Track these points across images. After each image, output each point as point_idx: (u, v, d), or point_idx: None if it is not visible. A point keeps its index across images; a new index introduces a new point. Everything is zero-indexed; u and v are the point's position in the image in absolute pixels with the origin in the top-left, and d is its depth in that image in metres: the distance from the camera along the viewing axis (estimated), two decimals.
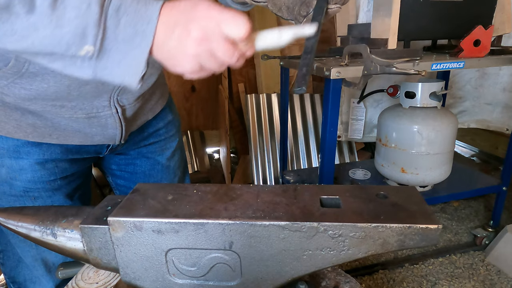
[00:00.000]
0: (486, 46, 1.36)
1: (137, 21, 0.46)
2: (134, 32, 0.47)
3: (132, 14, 0.46)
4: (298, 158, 2.43)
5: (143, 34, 0.47)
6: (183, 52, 0.48)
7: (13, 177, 0.75)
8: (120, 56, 0.48)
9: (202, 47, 0.48)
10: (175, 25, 0.47)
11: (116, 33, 0.46)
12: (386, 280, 1.66)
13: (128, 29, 0.46)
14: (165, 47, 0.48)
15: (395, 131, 1.58)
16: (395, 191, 0.57)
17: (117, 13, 0.46)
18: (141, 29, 0.47)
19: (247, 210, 0.53)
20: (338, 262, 0.52)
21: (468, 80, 2.20)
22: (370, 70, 1.10)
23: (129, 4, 0.46)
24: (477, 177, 1.84)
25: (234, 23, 0.47)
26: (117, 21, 0.46)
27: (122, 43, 0.47)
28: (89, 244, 0.55)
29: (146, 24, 0.47)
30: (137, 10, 0.46)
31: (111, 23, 0.46)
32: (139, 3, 0.47)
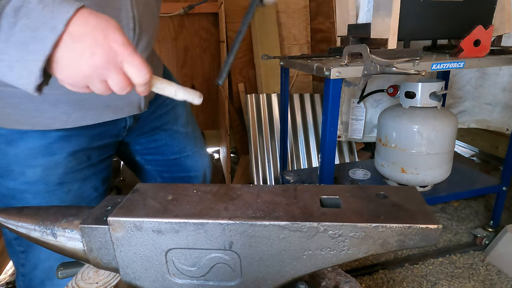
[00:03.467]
0: (486, 46, 1.36)
1: (38, 26, 0.43)
2: (32, 37, 0.43)
3: (34, 18, 0.43)
4: (298, 158, 2.43)
5: (42, 41, 0.43)
6: (78, 68, 0.46)
7: (48, 174, 0.77)
8: (11, 60, 0.44)
9: (98, 72, 0.47)
10: (81, 39, 0.45)
11: (9, 35, 0.43)
12: (386, 280, 1.66)
13: (25, 32, 0.43)
14: (63, 56, 0.46)
15: (395, 131, 1.58)
16: (395, 191, 0.57)
17: (16, 14, 0.43)
18: (41, 35, 0.43)
19: (247, 210, 0.53)
20: (338, 262, 0.52)
21: (468, 80, 2.20)
22: (370, 70, 1.10)
23: (32, 7, 0.43)
24: (477, 177, 1.84)
25: (137, 69, 0.49)
26: (13, 22, 0.43)
27: (15, 47, 0.44)
28: (89, 244, 0.55)
29: (49, 31, 0.43)
30: (41, 14, 0.43)
31: (5, 22, 0.43)
32: (46, 8, 0.43)
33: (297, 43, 2.67)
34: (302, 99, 2.51)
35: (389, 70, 1.07)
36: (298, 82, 2.71)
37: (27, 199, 0.77)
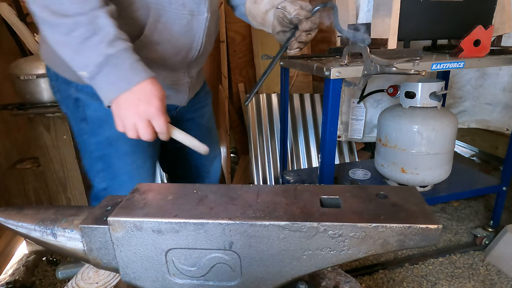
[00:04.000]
0: (486, 46, 1.36)
1: (121, 78, 0.73)
2: (116, 82, 0.73)
3: (122, 72, 0.73)
4: (298, 158, 2.43)
5: (119, 86, 0.74)
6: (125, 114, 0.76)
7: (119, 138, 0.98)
8: (103, 87, 0.75)
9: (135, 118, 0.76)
10: (137, 94, 0.74)
11: (105, 77, 0.72)
12: (386, 280, 1.66)
13: (113, 78, 0.73)
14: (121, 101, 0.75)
15: (395, 131, 1.58)
16: (395, 191, 0.57)
17: (114, 67, 0.72)
18: (120, 84, 0.73)
19: (247, 210, 0.53)
20: (338, 262, 0.52)
21: (468, 80, 2.20)
22: (370, 70, 1.10)
23: (124, 67, 0.72)
24: (477, 177, 1.84)
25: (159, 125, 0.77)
26: (110, 71, 0.72)
27: (106, 83, 0.74)
28: (89, 244, 0.55)
29: (126, 83, 0.73)
30: (126, 73, 0.73)
31: (106, 70, 0.71)
32: (132, 70, 0.73)
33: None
34: (302, 99, 2.51)
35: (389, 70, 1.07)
36: (298, 82, 2.70)
37: (119, 146, 0.99)
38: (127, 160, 1.01)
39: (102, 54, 0.69)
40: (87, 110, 0.96)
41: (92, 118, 0.96)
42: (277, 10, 0.97)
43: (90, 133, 0.98)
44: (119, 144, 0.98)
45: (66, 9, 0.68)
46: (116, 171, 1.02)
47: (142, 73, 0.74)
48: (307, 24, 0.96)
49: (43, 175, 1.78)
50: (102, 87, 0.74)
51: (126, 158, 1.00)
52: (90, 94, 0.92)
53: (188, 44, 0.94)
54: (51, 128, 1.68)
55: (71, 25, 0.68)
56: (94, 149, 1.00)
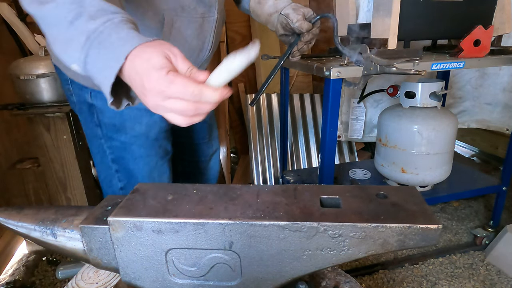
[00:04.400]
0: (486, 46, 1.36)
1: (110, 57, 0.54)
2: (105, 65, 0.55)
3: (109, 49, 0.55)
4: (298, 158, 2.43)
5: (110, 68, 0.54)
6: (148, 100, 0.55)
7: (149, 130, 1.00)
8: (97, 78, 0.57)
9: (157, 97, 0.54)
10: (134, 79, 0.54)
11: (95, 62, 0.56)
12: (386, 280, 1.66)
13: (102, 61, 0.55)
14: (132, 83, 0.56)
15: (395, 131, 1.58)
16: (395, 191, 0.57)
17: (99, 45, 0.55)
18: (110, 64, 0.54)
19: (247, 210, 0.53)
20: (338, 262, 0.52)
21: (468, 80, 2.20)
22: (370, 70, 1.10)
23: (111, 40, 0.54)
24: (477, 177, 1.84)
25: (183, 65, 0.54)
26: (97, 52, 0.55)
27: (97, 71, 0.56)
28: (89, 244, 0.55)
29: (115, 61, 0.54)
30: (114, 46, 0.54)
31: (92, 53, 0.55)
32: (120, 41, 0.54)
33: None
34: (302, 99, 2.51)
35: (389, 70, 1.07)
36: (298, 82, 2.70)
37: (134, 150, 1.00)
38: (141, 162, 1.03)
39: (83, 32, 0.55)
40: (101, 116, 0.96)
41: (107, 125, 0.97)
42: (281, 16, 1.00)
43: (105, 138, 1.00)
44: (133, 148, 1.00)
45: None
46: (131, 172, 1.05)
47: (135, 39, 0.54)
48: (308, 37, 1.01)
49: (43, 175, 1.78)
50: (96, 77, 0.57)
51: (140, 161, 1.03)
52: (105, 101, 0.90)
53: (200, 45, 0.96)
54: (51, 128, 1.68)
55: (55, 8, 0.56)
56: (109, 152, 1.02)
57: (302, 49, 1.05)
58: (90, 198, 1.85)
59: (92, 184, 1.98)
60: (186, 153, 1.30)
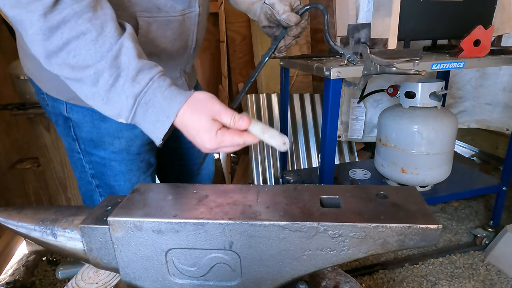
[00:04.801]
0: (486, 46, 1.36)
1: (160, 113, 0.63)
2: (156, 120, 0.63)
3: (157, 107, 0.63)
4: (298, 158, 2.43)
5: (162, 123, 0.63)
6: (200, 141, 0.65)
7: (130, 144, 0.95)
8: (147, 129, 0.65)
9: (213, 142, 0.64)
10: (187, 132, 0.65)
11: (143, 118, 0.64)
12: (386, 280, 1.66)
13: (152, 116, 0.63)
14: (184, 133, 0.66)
15: (395, 131, 1.58)
16: (395, 191, 0.57)
17: (147, 105, 0.63)
18: (161, 119, 0.63)
19: (247, 210, 0.53)
20: (338, 262, 0.52)
21: (468, 80, 2.20)
22: (370, 70, 1.10)
23: (157, 99, 0.63)
24: (477, 177, 1.84)
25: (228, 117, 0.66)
26: (145, 110, 0.63)
27: (148, 123, 0.64)
28: (89, 244, 0.55)
29: (166, 117, 0.63)
30: (161, 105, 0.63)
31: (140, 111, 0.63)
32: (166, 100, 0.63)
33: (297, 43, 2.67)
34: (302, 99, 2.51)
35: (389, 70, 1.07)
36: (298, 82, 2.71)
37: (114, 166, 0.95)
38: (121, 179, 0.98)
39: (129, 96, 0.61)
40: (78, 131, 0.91)
41: (85, 140, 0.92)
42: (265, 6, 0.90)
43: (83, 153, 0.94)
44: (113, 165, 0.95)
45: (85, 59, 0.60)
46: (113, 188, 0.99)
47: (179, 97, 0.63)
48: (296, 31, 0.92)
49: (43, 175, 1.78)
50: (146, 129, 0.65)
51: (121, 177, 0.97)
52: (82, 114, 0.87)
53: (182, 45, 0.89)
54: (51, 128, 1.67)
55: (94, 75, 0.61)
56: (89, 168, 0.96)
57: (290, 44, 0.96)
58: None
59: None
60: (176, 157, 1.24)
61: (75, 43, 0.59)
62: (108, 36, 0.61)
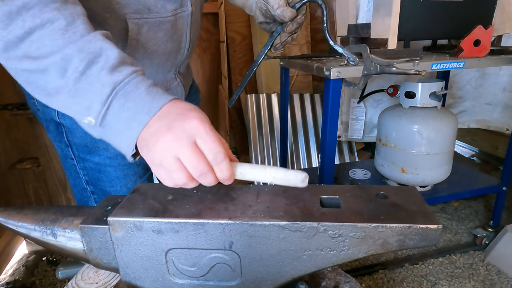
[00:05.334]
0: (486, 46, 1.36)
1: (139, 110, 0.52)
2: (133, 117, 0.52)
3: (138, 102, 0.52)
4: (298, 158, 2.43)
5: (139, 122, 0.52)
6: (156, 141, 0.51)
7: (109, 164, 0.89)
8: (116, 132, 0.53)
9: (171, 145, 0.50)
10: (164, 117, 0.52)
11: (118, 113, 0.52)
12: (386, 280, 1.66)
13: (128, 112, 0.52)
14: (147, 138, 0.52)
15: (395, 131, 1.58)
16: (395, 191, 0.57)
17: (125, 97, 0.52)
18: (139, 117, 0.52)
19: (247, 210, 0.53)
20: (338, 262, 0.52)
21: (468, 80, 2.20)
22: (370, 70, 1.10)
23: (139, 92, 0.52)
24: (477, 177, 1.84)
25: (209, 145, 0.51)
26: (121, 104, 0.52)
27: (121, 122, 0.52)
28: (89, 244, 0.55)
29: (145, 114, 0.52)
30: (143, 99, 0.52)
31: (116, 104, 0.52)
32: (149, 94, 0.53)
33: (297, 43, 2.67)
34: (302, 99, 2.51)
35: (389, 70, 1.07)
36: (298, 82, 2.70)
37: (109, 171, 0.90)
38: (118, 184, 0.94)
39: (106, 84, 0.51)
40: (71, 136, 0.86)
41: (78, 145, 0.87)
42: (260, 1, 0.87)
43: (77, 159, 0.90)
44: (109, 170, 0.90)
45: (49, 47, 0.51)
46: (108, 194, 0.96)
47: (163, 96, 0.54)
48: (292, 27, 0.88)
49: (43, 175, 1.78)
50: (117, 131, 0.53)
51: (117, 182, 0.93)
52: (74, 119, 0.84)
53: (176, 46, 0.84)
54: None
55: (61, 61, 0.51)
56: (83, 174, 0.92)
57: (286, 41, 0.91)
58: None
59: None
60: None
61: (40, 32, 0.50)
62: (80, 27, 0.53)
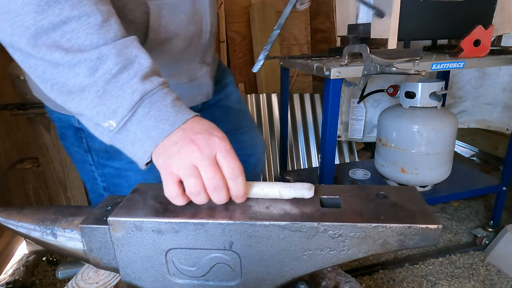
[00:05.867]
0: (486, 46, 1.36)
1: (163, 119, 0.53)
2: (156, 126, 0.53)
3: (162, 111, 0.53)
4: (298, 158, 2.43)
5: (161, 131, 0.52)
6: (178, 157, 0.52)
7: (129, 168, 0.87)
8: (133, 139, 0.54)
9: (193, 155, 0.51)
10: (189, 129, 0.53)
11: (141, 120, 0.52)
12: (386, 280, 1.66)
13: (152, 121, 0.52)
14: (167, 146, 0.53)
15: (395, 131, 1.58)
16: (395, 191, 0.57)
17: (151, 106, 0.53)
18: (161, 126, 0.53)
19: (247, 210, 0.53)
20: (338, 262, 0.52)
21: (468, 80, 2.20)
22: (370, 70, 1.10)
23: (165, 103, 0.54)
24: (477, 177, 1.84)
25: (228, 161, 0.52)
26: (146, 112, 0.52)
27: (141, 130, 0.53)
28: (89, 244, 0.55)
29: (168, 125, 0.53)
30: (168, 110, 0.53)
31: (141, 111, 0.52)
32: (175, 107, 0.54)
33: (297, 43, 2.67)
34: (302, 99, 2.51)
35: (389, 70, 1.07)
36: (298, 82, 2.71)
37: (129, 176, 0.88)
38: None
39: (137, 92, 0.52)
40: (91, 142, 0.85)
41: (98, 151, 0.86)
42: None
43: (95, 165, 0.88)
44: (129, 175, 0.88)
45: (83, 44, 0.50)
46: None
47: (187, 111, 0.55)
48: None
49: (43, 175, 1.78)
50: (134, 138, 0.53)
51: None
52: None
53: (197, 29, 0.81)
54: (51, 128, 1.67)
55: (96, 60, 0.50)
56: (101, 180, 0.91)
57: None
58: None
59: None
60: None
61: (75, 23, 0.50)
62: (114, 27, 0.53)
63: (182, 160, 0.51)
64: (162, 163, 0.53)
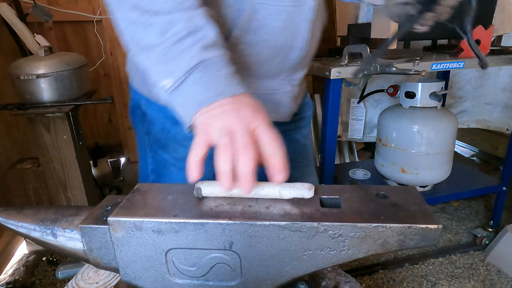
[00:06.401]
0: (486, 46, 1.36)
1: (212, 88, 0.55)
2: (203, 91, 0.55)
3: (213, 80, 0.56)
4: None
5: (208, 98, 0.55)
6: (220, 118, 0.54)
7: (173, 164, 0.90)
8: (184, 102, 0.57)
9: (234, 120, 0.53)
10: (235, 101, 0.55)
11: (192, 84, 0.56)
12: (386, 280, 1.66)
13: (201, 86, 0.56)
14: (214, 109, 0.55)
15: (395, 131, 1.58)
16: (395, 191, 0.57)
17: (203, 73, 0.56)
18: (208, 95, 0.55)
19: (247, 210, 0.53)
20: (338, 262, 0.52)
21: (468, 80, 2.20)
22: (370, 70, 1.10)
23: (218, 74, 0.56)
24: (477, 177, 1.84)
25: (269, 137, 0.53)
26: (199, 77, 0.56)
27: (191, 94, 0.56)
28: (89, 244, 0.55)
29: (215, 95, 0.55)
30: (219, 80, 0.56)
31: (193, 76, 0.56)
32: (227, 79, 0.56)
33: None
34: None
35: (389, 70, 1.08)
36: None
37: (172, 171, 0.90)
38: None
39: (195, 57, 0.56)
40: (150, 127, 0.89)
41: (154, 138, 0.91)
42: None
43: (149, 147, 0.93)
44: (172, 170, 0.91)
45: (160, 7, 0.56)
46: None
47: (239, 86, 0.57)
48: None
49: (43, 175, 1.78)
50: (185, 100, 0.57)
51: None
52: (156, 114, 0.86)
53: (288, 42, 0.77)
54: (51, 128, 1.68)
55: (166, 23, 0.56)
56: (151, 162, 0.95)
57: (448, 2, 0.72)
58: (90, 198, 1.85)
59: (92, 184, 1.98)
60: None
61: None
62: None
63: (222, 121, 0.53)
64: (202, 120, 0.55)
